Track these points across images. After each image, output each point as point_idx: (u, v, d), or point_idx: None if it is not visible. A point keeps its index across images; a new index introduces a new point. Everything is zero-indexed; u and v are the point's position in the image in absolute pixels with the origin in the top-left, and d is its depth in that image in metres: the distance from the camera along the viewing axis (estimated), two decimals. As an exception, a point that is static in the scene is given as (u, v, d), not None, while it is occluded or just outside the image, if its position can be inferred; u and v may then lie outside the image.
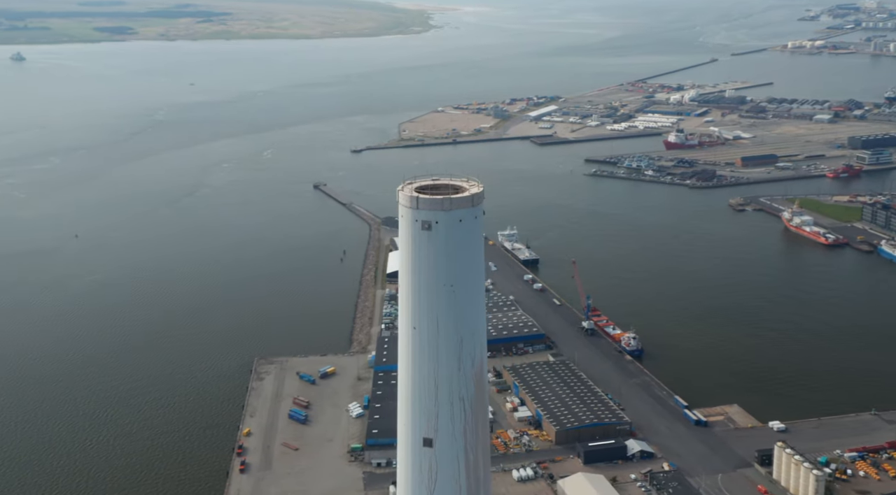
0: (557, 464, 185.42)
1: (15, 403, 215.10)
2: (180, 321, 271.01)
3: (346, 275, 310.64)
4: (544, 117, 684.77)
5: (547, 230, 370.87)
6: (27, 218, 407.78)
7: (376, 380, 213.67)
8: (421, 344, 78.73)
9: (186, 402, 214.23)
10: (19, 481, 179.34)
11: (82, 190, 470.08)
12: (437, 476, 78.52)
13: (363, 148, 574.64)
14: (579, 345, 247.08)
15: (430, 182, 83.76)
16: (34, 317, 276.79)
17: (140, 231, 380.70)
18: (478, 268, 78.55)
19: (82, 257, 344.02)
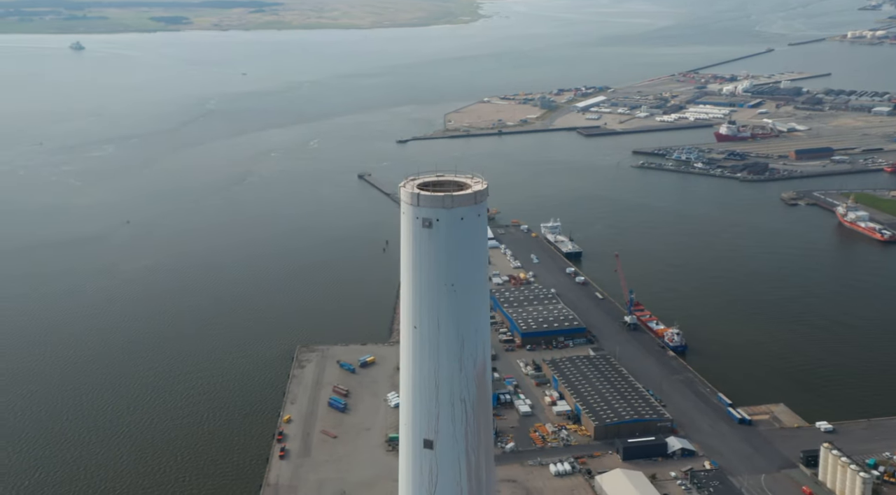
0: (595, 460, 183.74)
1: (66, 385, 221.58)
2: (226, 308, 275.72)
3: (388, 265, 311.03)
4: (592, 108, 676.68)
5: (591, 223, 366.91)
6: (81, 205, 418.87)
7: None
8: (421, 343, 76.07)
9: (230, 388, 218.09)
10: (69, 459, 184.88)
11: (135, 177, 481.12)
12: (438, 478, 76.44)
13: (408, 138, 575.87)
14: (621, 340, 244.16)
15: (433, 178, 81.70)
16: (86, 302, 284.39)
17: (189, 218, 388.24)
18: (480, 268, 75.55)
19: (133, 243, 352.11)
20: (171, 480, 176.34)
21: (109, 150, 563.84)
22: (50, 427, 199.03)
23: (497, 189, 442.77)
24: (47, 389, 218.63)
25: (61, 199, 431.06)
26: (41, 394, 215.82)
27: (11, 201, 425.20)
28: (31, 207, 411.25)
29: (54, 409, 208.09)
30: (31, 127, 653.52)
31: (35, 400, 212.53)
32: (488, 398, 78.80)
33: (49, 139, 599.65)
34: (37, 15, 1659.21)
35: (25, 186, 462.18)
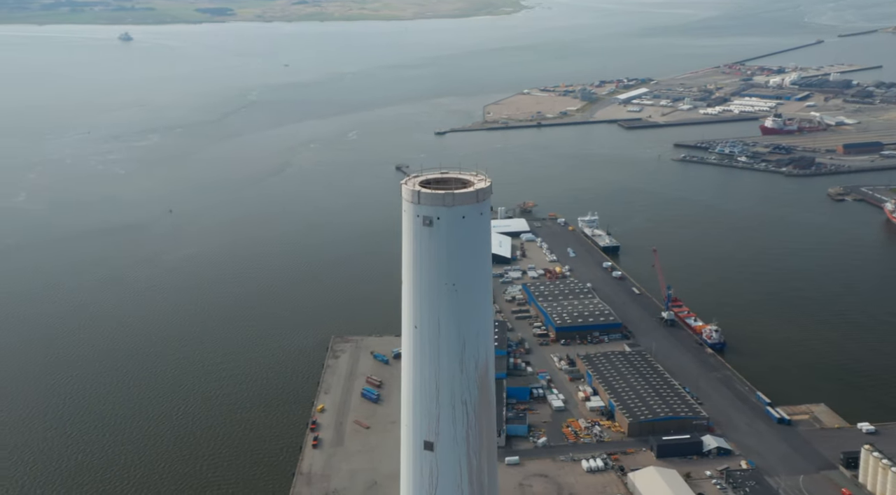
0: (629, 457, 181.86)
1: (107, 371, 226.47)
2: (263, 298, 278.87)
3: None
4: (633, 100, 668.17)
5: (629, 217, 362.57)
6: (126, 193, 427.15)
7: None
8: (422, 344, 74.05)
9: (265, 377, 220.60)
10: (109, 442, 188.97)
11: (177, 167, 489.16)
12: (438, 481, 74.71)
13: (447, 130, 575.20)
14: (657, 336, 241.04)
15: (437, 175, 79.81)
16: (129, 290, 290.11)
17: (229, 209, 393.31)
18: (482, 268, 73.19)
19: (175, 233, 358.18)
20: (207, 465, 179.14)
21: (154, 140, 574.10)
22: (91, 411, 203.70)
23: (534, 182, 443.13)
24: (89, 374, 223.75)
25: (107, 188, 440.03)
26: (84, 379, 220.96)
27: (59, 189, 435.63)
28: (78, 196, 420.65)
29: (96, 394, 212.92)
30: (79, 116, 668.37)
31: (78, 385, 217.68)
32: (491, 400, 76.38)
33: (96, 128, 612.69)
34: (87, 6, 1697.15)
35: (72, 175, 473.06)
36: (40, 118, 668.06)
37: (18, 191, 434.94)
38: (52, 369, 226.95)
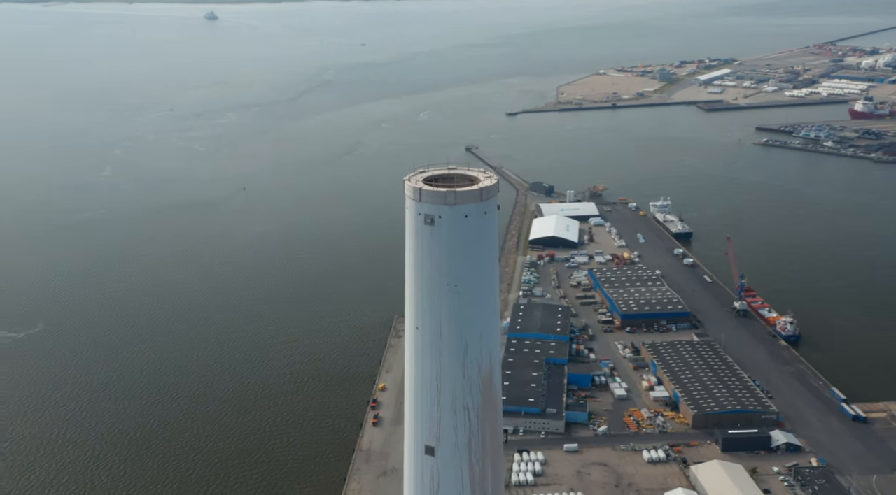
0: (692, 449, 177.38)
1: (179, 343, 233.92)
2: (329, 276, 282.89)
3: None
4: (715, 81, 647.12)
5: (704, 202, 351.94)
6: (203, 170, 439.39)
7: (509, 347, 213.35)
8: (423, 345, 69.96)
9: (329, 354, 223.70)
10: (179, 411, 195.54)
11: (253, 145, 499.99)
12: (440, 486, 72.02)
13: (518, 111, 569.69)
14: (728, 327, 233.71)
15: (444, 171, 75.62)
16: (201, 265, 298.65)
17: (301, 188, 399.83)
18: (486, 269, 68.13)
19: (247, 210, 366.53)
20: (270, 439, 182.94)
21: (232, 118, 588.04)
22: (163, 381, 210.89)
23: (606, 165, 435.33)
24: (162, 347, 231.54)
25: (186, 164, 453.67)
26: (157, 351, 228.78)
27: (142, 165, 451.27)
28: (159, 171, 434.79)
29: (168, 365, 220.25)
30: (164, 93, 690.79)
31: (152, 357, 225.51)
32: (495, 406, 72.64)
33: (179, 106, 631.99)
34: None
35: (154, 151, 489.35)
36: (128, 94, 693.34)
37: (105, 166, 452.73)
38: (126, 342, 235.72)
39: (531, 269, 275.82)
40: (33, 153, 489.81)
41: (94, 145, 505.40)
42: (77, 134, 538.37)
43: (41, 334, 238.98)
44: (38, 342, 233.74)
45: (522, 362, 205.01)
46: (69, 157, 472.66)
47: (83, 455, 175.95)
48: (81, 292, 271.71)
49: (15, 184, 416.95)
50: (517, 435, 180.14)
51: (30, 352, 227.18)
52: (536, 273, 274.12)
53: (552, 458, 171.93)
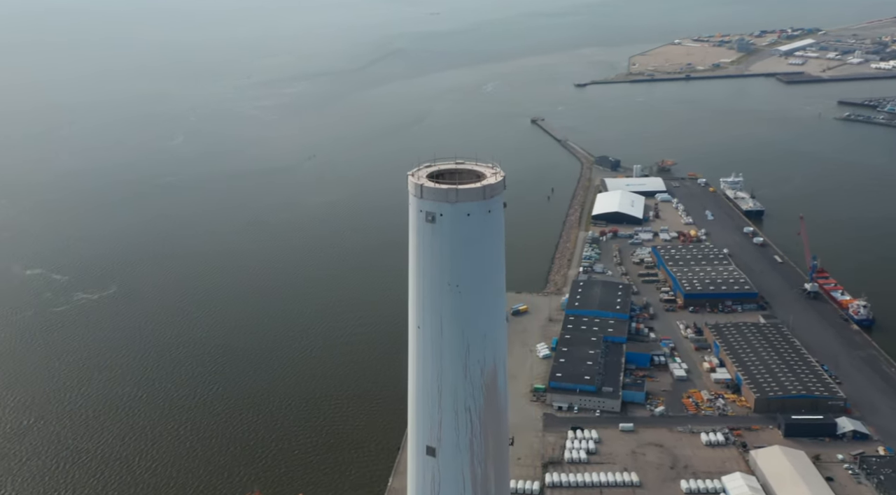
0: (753, 434, 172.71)
1: (248, 309, 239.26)
2: (390, 246, 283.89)
3: (551, 214, 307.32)
4: (796, 52, 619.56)
5: (778, 179, 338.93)
6: (273, 138, 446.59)
7: (566, 324, 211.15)
8: (424, 345, 68.27)
9: (386, 325, 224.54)
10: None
11: (322, 114, 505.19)
12: (441, 488, 70.50)
13: (587, 82, 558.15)
14: (797, 309, 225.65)
15: (451, 165, 72.38)
16: (270, 233, 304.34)
17: (367, 157, 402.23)
18: (491, 269, 65.00)
19: (315, 178, 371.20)
20: (332, 406, 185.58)
21: (302, 87, 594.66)
22: (230, 344, 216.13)
23: (676, 138, 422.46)
24: (229, 311, 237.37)
25: (256, 132, 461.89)
26: (225, 314, 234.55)
27: (214, 133, 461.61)
28: (231, 139, 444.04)
29: (237, 330, 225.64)
30: (239, 60, 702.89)
31: (219, 320, 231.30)
32: (500, 408, 70.10)
33: (254, 73, 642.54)
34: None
35: (228, 119, 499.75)
36: (203, 62, 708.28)
37: (178, 133, 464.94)
38: (199, 303, 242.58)
39: (592, 245, 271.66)
40: (113, 120, 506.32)
41: (169, 112, 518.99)
42: (154, 101, 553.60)
43: (114, 296, 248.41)
44: (111, 303, 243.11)
45: (579, 339, 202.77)
46: (146, 124, 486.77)
47: (150, 414, 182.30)
48: (153, 256, 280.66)
49: (95, 149, 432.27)
50: (571, 413, 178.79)
51: (103, 312, 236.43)
52: (598, 249, 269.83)
53: (607, 437, 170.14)
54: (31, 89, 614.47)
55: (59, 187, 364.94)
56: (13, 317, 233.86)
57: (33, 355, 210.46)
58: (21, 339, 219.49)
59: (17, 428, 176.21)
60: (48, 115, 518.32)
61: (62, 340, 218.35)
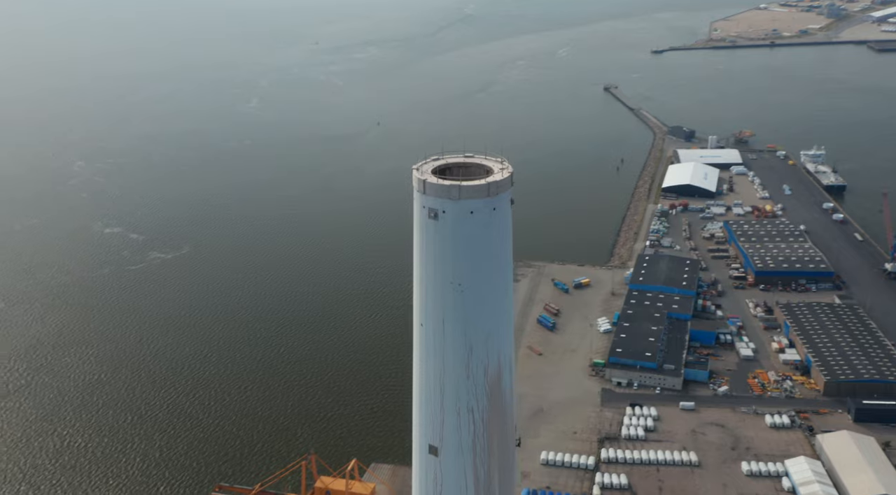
0: (821, 418, 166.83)
1: (314, 273, 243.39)
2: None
3: (619, 185, 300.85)
4: (890, 19, 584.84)
5: (863, 153, 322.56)
6: (341, 104, 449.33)
7: (629, 298, 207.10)
8: (426, 343, 66.16)
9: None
10: (315, 339, 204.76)
11: (390, 79, 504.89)
12: (443, 487, 68.67)
13: (665, 48, 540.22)
14: (876, 290, 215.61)
15: (460, 159, 68.49)
16: (336, 197, 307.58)
17: (434, 124, 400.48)
18: (496, 269, 63.26)
19: (381, 144, 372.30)
20: (391, 368, 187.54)
21: (372, 52, 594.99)
22: (300, 306, 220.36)
23: (756, 109, 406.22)
24: (295, 276, 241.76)
25: (324, 97, 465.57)
26: (291, 279, 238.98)
27: (285, 97, 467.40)
28: (301, 104, 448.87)
29: (302, 293, 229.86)
30: (309, 26, 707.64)
31: (283, 286, 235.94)
32: (505, 410, 67.03)
33: (323, 39, 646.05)
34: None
35: (298, 84, 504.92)
36: (276, 27, 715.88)
37: (252, 97, 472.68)
38: (265, 265, 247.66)
39: (661, 219, 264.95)
40: (188, 84, 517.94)
41: (244, 77, 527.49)
42: (227, 67, 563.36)
43: (186, 256, 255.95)
44: (182, 263, 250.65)
45: (642, 315, 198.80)
46: (220, 90, 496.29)
47: (216, 372, 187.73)
48: (224, 218, 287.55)
49: (171, 113, 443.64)
50: (631, 389, 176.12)
51: (175, 272, 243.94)
52: (667, 223, 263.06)
53: (666, 415, 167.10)
54: (106, 58, 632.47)
55: (135, 151, 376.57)
56: (92, 273, 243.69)
57: (110, 312, 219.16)
58: (99, 296, 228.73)
59: (94, 381, 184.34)
60: (125, 82, 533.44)
61: (136, 298, 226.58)
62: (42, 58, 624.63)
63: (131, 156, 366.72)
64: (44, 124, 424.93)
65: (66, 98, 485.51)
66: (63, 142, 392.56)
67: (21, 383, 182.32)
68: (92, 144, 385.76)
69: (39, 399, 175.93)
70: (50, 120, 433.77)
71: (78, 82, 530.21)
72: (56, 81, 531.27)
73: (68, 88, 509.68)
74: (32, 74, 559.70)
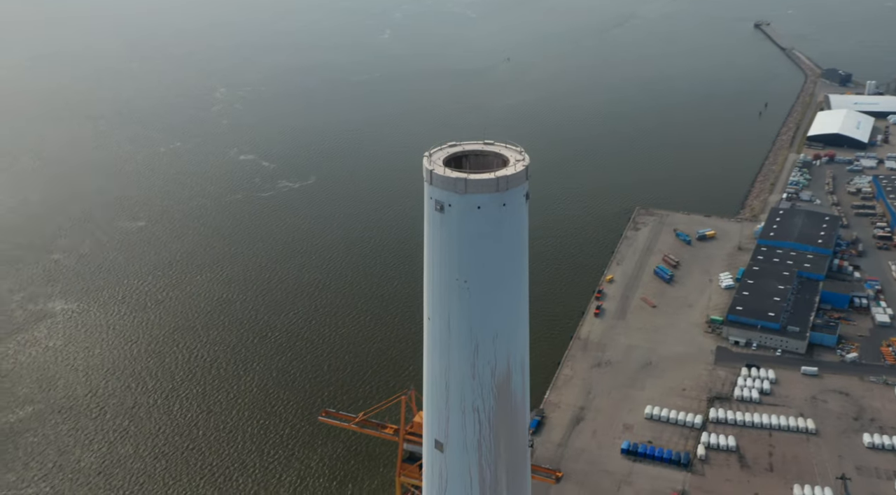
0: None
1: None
2: (581, 156, 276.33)
3: (759, 131, 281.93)
4: None
5: None
6: (472, 37, 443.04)
7: (757, 254, 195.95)
8: (433, 338, 63.08)
9: (565, 238, 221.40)
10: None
11: (522, 12, 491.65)
12: (448, 484, 65.84)
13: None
14: None
15: (478, 146, 62.15)
16: (455, 136, 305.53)
17: (565, 59, 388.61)
18: (504, 266, 59.10)
19: (508, 81, 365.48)
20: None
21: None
22: (411, 241, 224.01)
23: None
24: (406, 209, 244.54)
25: (457, 31, 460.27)
26: (404, 211, 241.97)
27: (416, 30, 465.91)
28: (432, 37, 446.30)
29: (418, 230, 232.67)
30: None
31: (403, 219, 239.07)
32: (515, 412, 62.37)
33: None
34: None
35: (430, 16, 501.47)
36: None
37: (385, 28, 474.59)
38: (388, 197, 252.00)
39: (802, 170, 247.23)
40: (324, 13, 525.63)
41: (377, 8, 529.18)
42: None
43: (312, 186, 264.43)
44: (308, 192, 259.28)
45: (769, 272, 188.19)
46: (356, 19, 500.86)
47: (334, 301, 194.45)
48: (348, 150, 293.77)
49: (308, 44, 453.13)
50: (749, 349, 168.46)
51: (301, 201, 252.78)
52: (808, 174, 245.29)
53: (785, 379, 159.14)
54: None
55: (272, 80, 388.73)
56: (226, 198, 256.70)
57: (239, 235, 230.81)
58: (231, 220, 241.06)
59: (221, 300, 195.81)
60: (265, 14, 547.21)
61: (265, 224, 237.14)
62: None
63: (269, 86, 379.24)
64: (194, 53, 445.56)
65: (216, 30, 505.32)
66: (208, 70, 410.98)
67: (158, 297, 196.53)
68: (233, 74, 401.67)
69: (173, 313, 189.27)
70: (200, 51, 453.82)
71: (226, 15, 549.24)
72: (209, 12, 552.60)
73: (217, 23, 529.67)
74: (191, 5, 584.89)
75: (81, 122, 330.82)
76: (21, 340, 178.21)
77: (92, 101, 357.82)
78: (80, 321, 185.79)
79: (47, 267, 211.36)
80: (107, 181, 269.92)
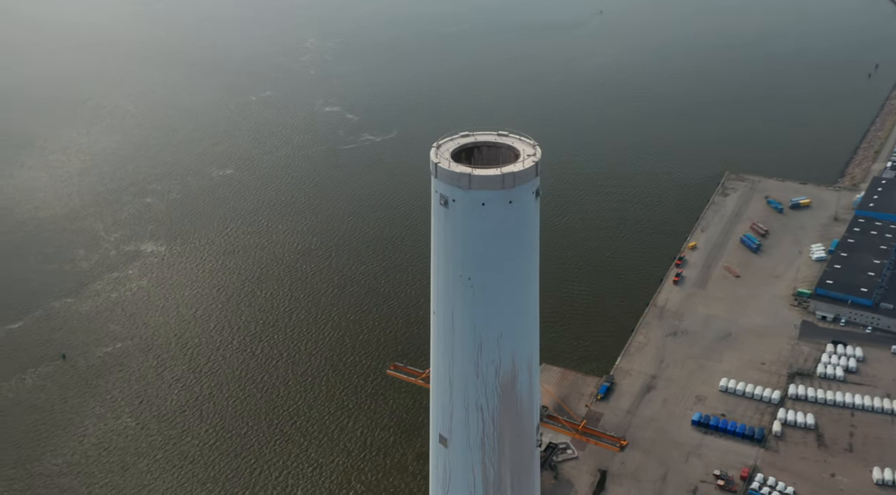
0: None
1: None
2: (671, 119, 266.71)
3: (867, 94, 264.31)
4: None
5: None
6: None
7: (853, 225, 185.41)
8: (438, 333, 61.20)
9: (647, 205, 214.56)
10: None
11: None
12: (451, 480, 63.55)
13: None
14: None
15: (492, 138, 57.12)
16: (547, 90, 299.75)
17: (661, 11, 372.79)
18: (511, 265, 56.10)
19: (601, 35, 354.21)
20: (583, 273, 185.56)
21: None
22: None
23: None
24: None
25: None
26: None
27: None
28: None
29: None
30: None
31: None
32: (521, 412, 58.85)
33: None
34: None
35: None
36: None
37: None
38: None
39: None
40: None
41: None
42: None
43: (393, 140, 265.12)
44: (389, 146, 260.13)
45: (865, 245, 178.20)
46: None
47: (410, 257, 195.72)
48: (430, 103, 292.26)
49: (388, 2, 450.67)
50: (836, 325, 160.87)
51: (382, 155, 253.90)
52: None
53: (873, 357, 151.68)
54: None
55: (362, 32, 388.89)
56: (310, 148, 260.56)
57: (322, 187, 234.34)
58: (314, 170, 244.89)
59: (302, 249, 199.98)
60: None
61: (346, 176, 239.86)
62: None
63: (359, 37, 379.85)
64: (289, 4, 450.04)
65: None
66: (300, 19, 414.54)
67: (243, 243, 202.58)
68: (326, 24, 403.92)
69: (256, 260, 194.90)
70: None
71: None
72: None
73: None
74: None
75: (179, 70, 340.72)
76: (114, 278, 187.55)
77: (191, 50, 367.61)
78: (169, 263, 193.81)
79: (140, 209, 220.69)
80: (199, 129, 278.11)
